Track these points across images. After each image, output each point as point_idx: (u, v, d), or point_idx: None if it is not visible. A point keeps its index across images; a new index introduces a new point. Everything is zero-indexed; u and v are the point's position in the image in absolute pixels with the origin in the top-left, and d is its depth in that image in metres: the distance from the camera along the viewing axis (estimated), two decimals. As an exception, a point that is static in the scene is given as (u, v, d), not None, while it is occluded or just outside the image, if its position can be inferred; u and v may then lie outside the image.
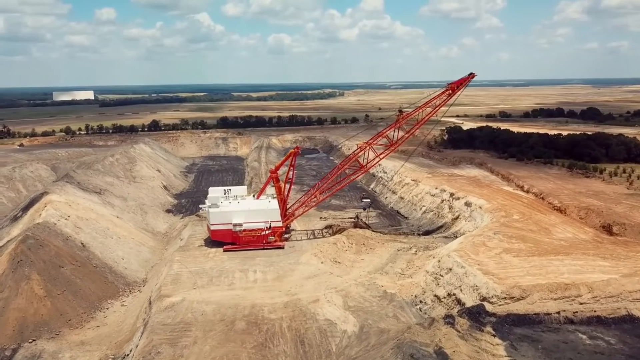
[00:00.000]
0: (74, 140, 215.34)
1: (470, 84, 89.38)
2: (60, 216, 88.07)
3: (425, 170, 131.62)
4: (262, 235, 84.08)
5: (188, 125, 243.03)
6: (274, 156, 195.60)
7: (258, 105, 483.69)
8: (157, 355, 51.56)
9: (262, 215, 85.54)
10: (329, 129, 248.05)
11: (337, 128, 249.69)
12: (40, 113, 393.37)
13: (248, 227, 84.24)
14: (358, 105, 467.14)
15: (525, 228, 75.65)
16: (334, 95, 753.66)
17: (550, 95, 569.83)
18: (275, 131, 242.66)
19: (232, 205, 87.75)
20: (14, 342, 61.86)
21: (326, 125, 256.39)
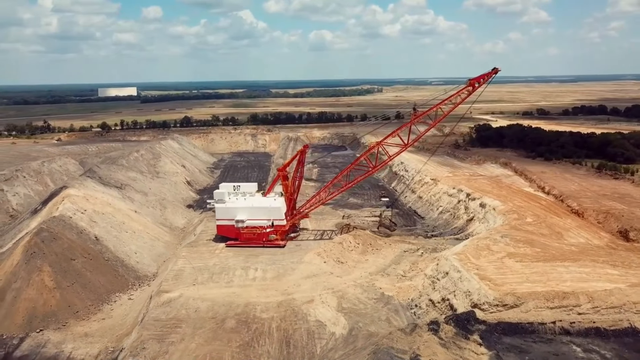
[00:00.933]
0: (109, 135, 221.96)
1: (513, 79, 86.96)
2: (77, 210, 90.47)
3: (447, 169, 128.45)
4: (262, 233, 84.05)
5: (219, 121, 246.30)
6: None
7: (293, 101, 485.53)
8: (143, 350, 52.26)
9: (265, 213, 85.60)
10: (357, 125, 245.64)
11: (367, 125, 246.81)
12: (83, 109, 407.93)
13: (250, 224, 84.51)
14: (394, 102, 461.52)
15: (536, 232, 72.49)
16: (371, 91, 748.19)
17: (597, 92, 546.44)
18: (304, 128, 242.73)
19: (238, 201, 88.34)
20: (22, 331, 63.73)
21: (356, 122, 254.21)
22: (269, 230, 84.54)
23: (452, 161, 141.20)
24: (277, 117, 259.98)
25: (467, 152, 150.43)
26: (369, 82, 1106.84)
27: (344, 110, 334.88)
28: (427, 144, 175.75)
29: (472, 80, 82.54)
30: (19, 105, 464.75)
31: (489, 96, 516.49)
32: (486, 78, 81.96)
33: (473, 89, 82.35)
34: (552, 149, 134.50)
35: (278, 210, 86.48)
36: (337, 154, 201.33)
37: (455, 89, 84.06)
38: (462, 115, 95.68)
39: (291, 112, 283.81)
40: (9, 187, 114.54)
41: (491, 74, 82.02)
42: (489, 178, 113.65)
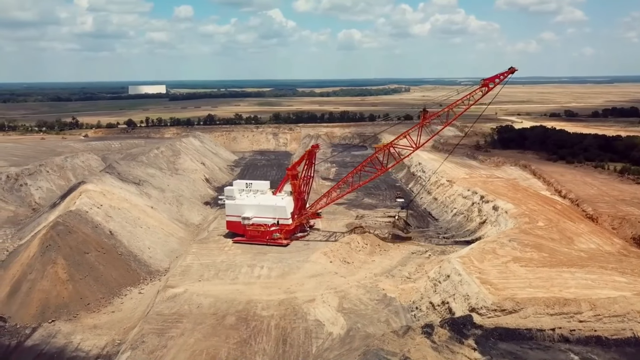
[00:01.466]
0: (134, 132, 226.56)
1: (546, 80, 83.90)
2: (93, 205, 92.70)
3: (465, 170, 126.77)
4: (266, 231, 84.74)
5: (242, 120, 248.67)
6: (320, 153, 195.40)
7: (318, 100, 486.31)
8: (142, 344, 53.39)
9: (270, 212, 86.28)
10: (380, 125, 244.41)
11: (389, 125, 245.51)
12: (113, 106, 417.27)
13: (255, 222, 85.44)
14: (420, 101, 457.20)
15: (546, 236, 70.97)
16: (399, 91, 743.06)
17: (632, 93, 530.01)
18: (326, 127, 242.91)
19: (246, 199, 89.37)
20: (35, 322, 65.55)
21: (378, 122, 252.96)
22: (273, 228, 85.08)
23: (470, 162, 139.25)
24: (299, 116, 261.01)
25: (487, 154, 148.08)
26: (397, 81, 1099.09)
27: (368, 109, 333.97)
28: (449, 145, 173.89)
29: (486, 80, 79.35)
30: (53, 102, 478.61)
31: (518, 97, 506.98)
32: (501, 78, 77.96)
33: (488, 89, 79.20)
34: (574, 151, 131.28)
35: (283, 209, 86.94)
36: (357, 153, 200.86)
37: (468, 90, 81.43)
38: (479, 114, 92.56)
39: (313, 111, 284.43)
40: (33, 181, 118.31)
41: (507, 74, 77.90)
42: (505, 180, 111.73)
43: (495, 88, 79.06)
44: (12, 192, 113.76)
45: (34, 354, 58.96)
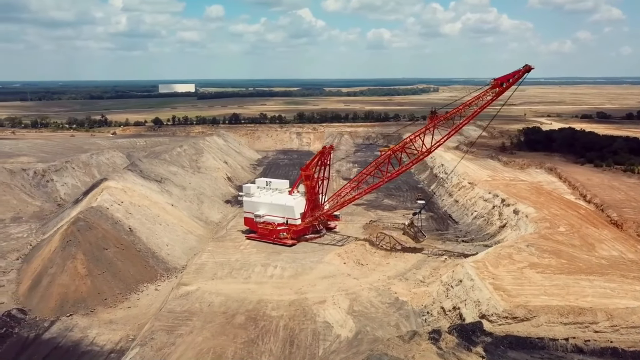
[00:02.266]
0: (161, 130, 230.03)
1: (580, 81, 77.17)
2: (114, 201, 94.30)
3: (488, 172, 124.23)
4: (274, 230, 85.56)
5: (266, 119, 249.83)
6: (342, 152, 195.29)
7: (345, 100, 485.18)
8: (151, 340, 53.97)
9: (280, 211, 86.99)
10: (404, 125, 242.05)
11: (415, 125, 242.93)
12: (143, 104, 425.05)
13: (266, 220, 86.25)
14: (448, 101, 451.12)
15: (566, 242, 68.81)
16: (427, 91, 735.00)
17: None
18: (350, 126, 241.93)
19: (262, 197, 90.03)
20: (54, 315, 66.81)
21: (403, 122, 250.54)
22: (281, 227, 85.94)
23: (494, 165, 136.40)
24: (323, 116, 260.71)
25: (513, 156, 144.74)
26: (426, 81, 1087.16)
27: (394, 109, 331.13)
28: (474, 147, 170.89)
29: (498, 80, 71.55)
30: (85, 100, 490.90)
31: (550, 97, 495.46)
32: (515, 78, 70.32)
33: (500, 90, 71.52)
34: (603, 154, 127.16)
35: (291, 209, 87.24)
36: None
37: (479, 91, 75.17)
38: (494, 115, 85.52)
39: (337, 111, 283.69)
40: (59, 178, 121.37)
41: (521, 73, 70.10)
42: (529, 184, 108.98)
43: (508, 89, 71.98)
44: (38, 187, 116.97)
45: (50, 347, 59.96)
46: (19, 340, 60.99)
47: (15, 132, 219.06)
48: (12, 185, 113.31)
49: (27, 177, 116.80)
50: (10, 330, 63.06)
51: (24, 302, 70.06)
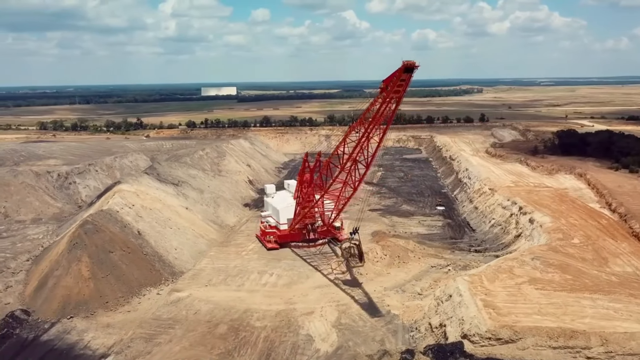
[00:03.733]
0: (193, 133, 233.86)
1: (636, 80, 63.79)
2: (125, 204, 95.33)
3: (511, 178, 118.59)
4: (264, 231, 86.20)
5: (297, 122, 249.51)
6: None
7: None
8: (127, 349, 53.55)
9: (274, 213, 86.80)
10: (438, 127, 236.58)
11: (447, 127, 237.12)
12: (183, 107, 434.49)
13: (266, 220, 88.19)
14: (490, 103, 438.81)
15: (577, 255, 63.99)
16: (470, 92, 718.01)
17: None
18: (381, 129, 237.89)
19: (274, 198, 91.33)
20: (55, 317, 67.62)
21: (436, 124, 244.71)
22: (270, 230, 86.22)
23: (521, 169, 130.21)
24: (353, 118, 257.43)
25: (543, 160, 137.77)
26: (471, 82, 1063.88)
27: (431, 110, 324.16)
28: (503, 149, 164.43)
29: (384, 83, 57.77)
30: (130, 103, 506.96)
31: (599, 98, 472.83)
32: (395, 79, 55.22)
33: (386, 94, 57.45)
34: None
35: (277, 212, 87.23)
36: (409, 157, 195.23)
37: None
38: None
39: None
40: (81, 180, 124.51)
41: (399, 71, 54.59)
42: (554, 190, 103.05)
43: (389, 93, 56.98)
44: (61, 189, 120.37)
45: (45, 349, 60.41)
46: (17, 342, 61.84)
47: (55, 134, 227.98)
48: (36, 187, 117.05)
49: (51, 179, 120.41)
50: (11, 332, 64.09)
51: (29, 303, 71.21)
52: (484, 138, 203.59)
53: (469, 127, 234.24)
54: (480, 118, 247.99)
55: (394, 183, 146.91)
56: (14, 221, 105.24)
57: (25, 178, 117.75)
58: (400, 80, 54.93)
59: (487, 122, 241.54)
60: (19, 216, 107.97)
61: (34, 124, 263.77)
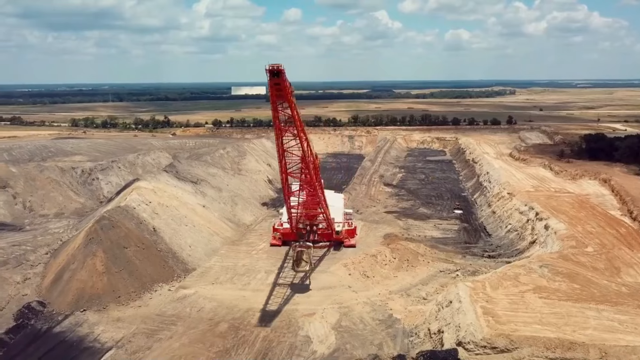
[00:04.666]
0: (218, 132, 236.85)
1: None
2: (142, 201, 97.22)
3: (532, 183, 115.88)
4: (275, 228, 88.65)
5: (320, 122, 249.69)
6: (392, 157, 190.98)
7: (412, 102, 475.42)
8: (128, 343, 54.65)
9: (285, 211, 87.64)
10: (463, 130, 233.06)
11: (474, 129, 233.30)
12: (211, 106, 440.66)
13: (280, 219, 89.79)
14: (522, 105, 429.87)
15: (588, 264, 62.06)
16: (502, 93, 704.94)
17: None
18: (405, 130, 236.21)
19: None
20: (69, 310, 69.48)
21: (461, 126, 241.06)
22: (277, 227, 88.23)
23: (544, 174, 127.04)
24: (378, 119, 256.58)
25: (567, 165, 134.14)
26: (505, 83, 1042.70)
27: (460, 112, 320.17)
28: (528, 153, 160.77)
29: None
30: (161, 101, 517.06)
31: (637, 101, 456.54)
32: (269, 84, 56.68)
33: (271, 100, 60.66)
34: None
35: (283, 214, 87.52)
36: (432, 159, 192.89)
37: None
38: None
39: (394, 114, 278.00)
40: (104, 176, 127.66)
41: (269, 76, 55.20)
42: (575, 196, 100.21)
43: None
44: (84, 185, 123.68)
45: (57, 341, 62.06)
46: (31, 332, 63.74)
47: (86, 131, 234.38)
48: (60, 182, 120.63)
49: (75, 175, 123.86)
50: (26, 322, 66.15)
51: (45, 295, 73.27)
52: (510, 141, 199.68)
53: (496, 130, 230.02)
54: (507, 120, 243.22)
55: (414, 185, 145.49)
56: (38, 215, 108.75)
57: (50, 173, 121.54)
58: (275, 84, 54.88)
59: (514, 125, 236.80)
60: (43, 210, 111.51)
61: (67, 120, 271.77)
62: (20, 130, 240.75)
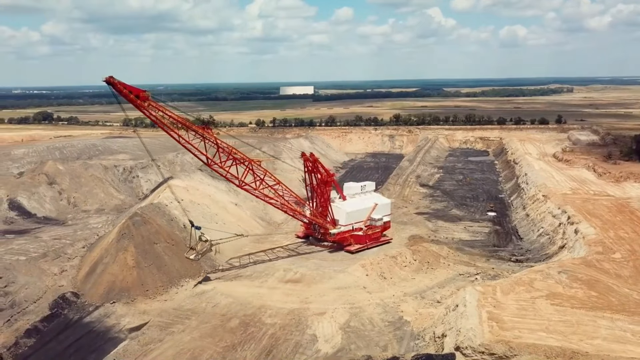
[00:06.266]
0: (261, 131, 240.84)
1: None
2: (174, 199, 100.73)
3: (571, 185, 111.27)
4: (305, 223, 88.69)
5: (361, 121, 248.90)
6: (432, 157, 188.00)
7: (461, 100, 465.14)
8: (142, 335, 57.03)
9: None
10: (509, 129, 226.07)
11: (520, 129, 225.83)
12: (258, 106, 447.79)
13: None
14: (579, 103, 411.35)
15: (612, 271, 59.22)
16: (559, 91, 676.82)
17: None
18: (448, 129, 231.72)
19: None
20: (100, 301, 73.20)
21: (507, 126, 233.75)
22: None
23: (586, 176, 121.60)
24: (420, 118, 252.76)
25: (614, 166, 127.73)
26: (563, 81, 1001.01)
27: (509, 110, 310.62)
28: (575, 154, 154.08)
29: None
30: (211, 101, 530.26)
31: None
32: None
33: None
34: None
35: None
36: (473, 159, 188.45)
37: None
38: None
39: (437, 113, 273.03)
40: (144, 174, 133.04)
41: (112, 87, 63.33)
42: (614, 200, 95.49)
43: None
44: (125, 182, 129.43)
45: (85, 330, 65.57)
46: (63, 321, 67.59)
47: (136, 130, 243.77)
48: (103, 179, 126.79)
49: (117, 173, 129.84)
50: (60, 311, 70.21)
51: (79, 287, 77.40)
52: (557, 141, 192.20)
53: (543, 129, 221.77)
54: (556, 120, 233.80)
55: (450, 186, 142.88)
56: (80, 210, 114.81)
57: (94, 171, 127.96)
58: (118, 91, 63.16)
59: (563, 124, 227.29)
60: (85, 206, 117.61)
61: (119, 120, 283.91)
62: (76, 129, 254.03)
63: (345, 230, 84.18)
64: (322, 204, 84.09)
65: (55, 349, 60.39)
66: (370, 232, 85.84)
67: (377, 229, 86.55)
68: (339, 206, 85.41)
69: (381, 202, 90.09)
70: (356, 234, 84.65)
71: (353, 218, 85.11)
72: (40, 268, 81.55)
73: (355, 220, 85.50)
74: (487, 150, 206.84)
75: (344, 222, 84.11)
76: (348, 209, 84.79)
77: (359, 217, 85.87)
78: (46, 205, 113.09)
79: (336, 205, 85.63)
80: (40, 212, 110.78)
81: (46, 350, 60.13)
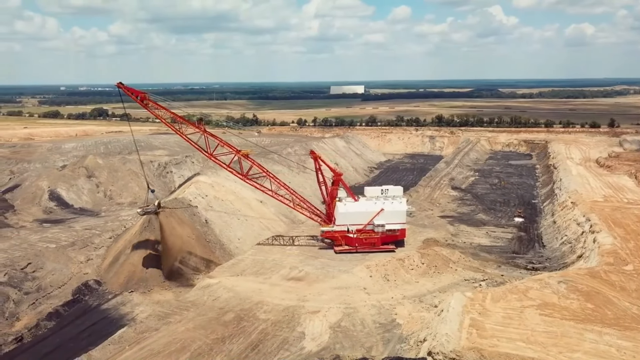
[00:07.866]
0: (302, 130, 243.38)
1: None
2: (199, 194, 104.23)
3: (605, 192, 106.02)
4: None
5: (402, 121, 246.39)
6: (470, 159, 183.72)
7: (512, 101, 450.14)
8: (140, 323, 59.71)
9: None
10: (556, 132, 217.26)
11: (568, 133, 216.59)
12: (307, 105, 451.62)
13: None
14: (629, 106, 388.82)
15: (618, 283, 56.39)
16: (624, 93, 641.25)
17: None
18: (491, 132, 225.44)
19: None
20: (119, 290, 77.17)
21: (554, 129, 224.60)
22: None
23: (625, 182, 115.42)
24: (464, 120, 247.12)
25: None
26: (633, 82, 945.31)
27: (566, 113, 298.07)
28: (623, 160, 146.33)
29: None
30: (262, 100, 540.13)
31: None
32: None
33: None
34: None
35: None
36: (514, 163, 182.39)
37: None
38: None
39: (481, 114, 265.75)
40: (177, 170, 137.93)
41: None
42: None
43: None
44: (159, 177, 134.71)
45: (100, 317, 69.24)
46: (83, 307, 71.77)
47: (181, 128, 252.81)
48: (139, 174, 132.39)
49: (152, 168, 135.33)
50: (81, 297, 74.58)
51: (102, 275, 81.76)
52: (607, 146, 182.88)
53: (594, 133, 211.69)
54: (609, 123, 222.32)
55: (483, 190, 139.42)
56: (115, 203, 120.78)
57: (131, 166, 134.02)
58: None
59: (616, 128, 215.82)
60: (120, 199, 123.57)
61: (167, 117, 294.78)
62: (127, 125, 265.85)
63: (337, 230, 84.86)
64: (328, 201, 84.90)
65: (70, 332, 64.05)
66: (365, 237, 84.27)
67: (377, 234, 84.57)
68: (338, 206, 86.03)
69: (393, 209, 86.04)
70: (348, 235, 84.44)
71: (347, 219, 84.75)
72: (68, 256, 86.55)
73: (351, 222, 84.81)
74: (530, 153, 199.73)
75: (337, 222, 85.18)
76: (342, 210, 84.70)
77: (355, 220, 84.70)
78: (83, 197, 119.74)
79: (337, 205, 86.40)
80: (77, 204, 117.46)
81: (62, 334, 63.85)
